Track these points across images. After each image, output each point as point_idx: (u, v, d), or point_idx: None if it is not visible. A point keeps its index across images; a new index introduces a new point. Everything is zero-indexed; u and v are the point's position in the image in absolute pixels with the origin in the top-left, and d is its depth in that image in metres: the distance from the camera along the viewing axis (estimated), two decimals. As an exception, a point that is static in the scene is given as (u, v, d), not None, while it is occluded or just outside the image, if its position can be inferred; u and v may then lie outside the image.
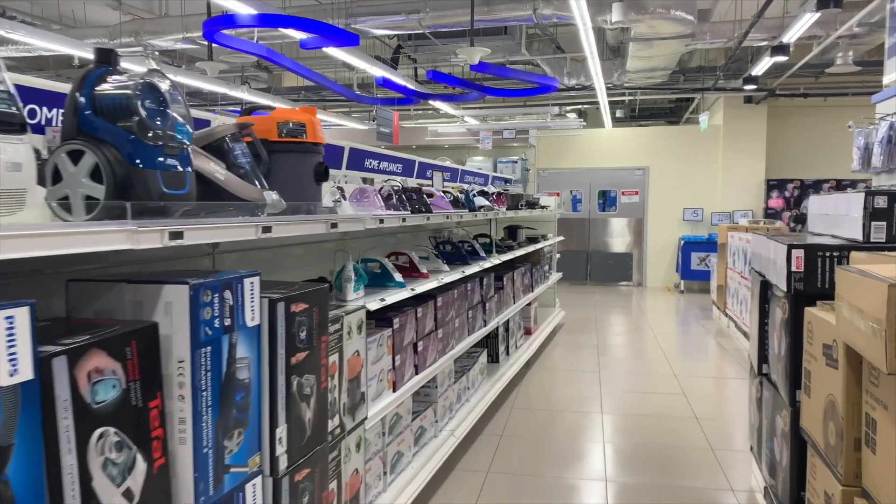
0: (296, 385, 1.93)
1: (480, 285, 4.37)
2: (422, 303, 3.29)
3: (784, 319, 2.70)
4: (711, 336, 7.35)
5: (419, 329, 3.19)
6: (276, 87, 12.18)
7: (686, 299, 10.22)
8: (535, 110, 10.77)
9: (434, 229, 5.19)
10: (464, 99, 9.69)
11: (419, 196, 3.44)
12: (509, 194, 5.80)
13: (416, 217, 3.08)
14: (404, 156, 4.49)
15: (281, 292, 1.89)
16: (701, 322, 8.23)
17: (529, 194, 6.53)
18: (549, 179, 12.13)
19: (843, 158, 11.15)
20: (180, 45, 8.21)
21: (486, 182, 7.10)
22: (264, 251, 3.03)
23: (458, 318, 3.85)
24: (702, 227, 11.33)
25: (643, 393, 5.12)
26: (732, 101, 11.03)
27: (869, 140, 3.89)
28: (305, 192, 2.23)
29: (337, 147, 3.56)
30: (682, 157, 11.46)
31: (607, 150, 11.83)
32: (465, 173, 6.20)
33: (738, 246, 7.18)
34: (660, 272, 11.70)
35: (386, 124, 9.29)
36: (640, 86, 10.09)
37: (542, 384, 5.37)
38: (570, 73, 9.98)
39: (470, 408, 4.09)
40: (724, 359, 6.29)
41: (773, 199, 10.74)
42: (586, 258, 12.01)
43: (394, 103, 10.01)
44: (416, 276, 3.37)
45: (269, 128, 2.16)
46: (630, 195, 11.78)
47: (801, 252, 2.57)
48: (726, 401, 5.00)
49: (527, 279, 5.98)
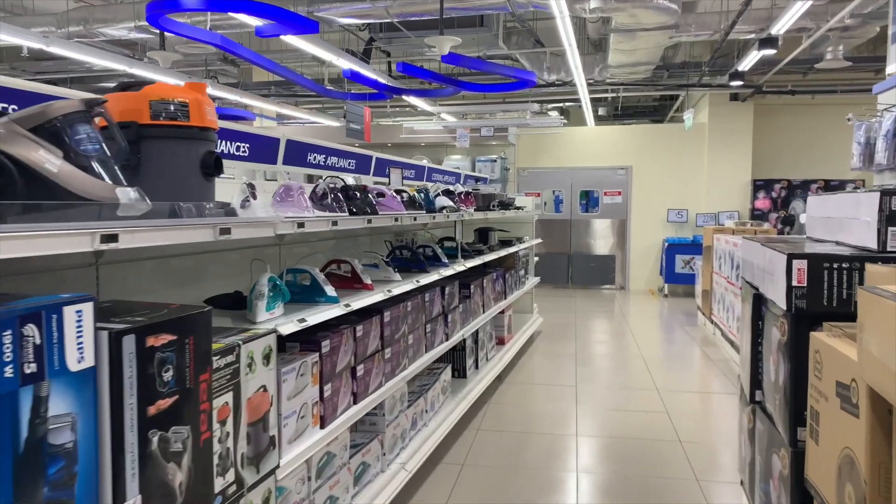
0: (156, 442, 1.47)
1: (442, 295, 3.92)
2: (365, 319, 2.84)
3: (782, 342, 2.27)
4: (696, 344, 6.95)
5: (359, 350, 2.74)
6: (245, 82, 11.67)
7: (670, 304, 9.84)
8: (515, 107, 10.34)
9: (396, 233, 4.74)
10: (439, 94, 9.24)
11: (364, 195, 2.99)
12: (480, 194, 5.36)
13: (352, 220, 2.63)
14: (359, 151, 4.04)
15: (134, 321, 1.43)
16: (685, 329, 7.83)
17: (503, 194, 6.11)
18: (530, 179, 11.72)
19: (832, 158, 10.85)
20: (133, 34, 7.69)
21: (458, 181, 6.66)
22: (184, 258, 2.57)
23: (413, 334, 3.40)
24: (686, 228, 10.97)
25: (623, 411, 4.69)
26: (718, 98, 10.67)
27: (871, 134, 3.49)
28: (189, 188, 1.77)
29: (270, 139, 3.10)
30: (667, 156, 11.09)
31: (589, 149, 11.43)
32: (433, 171, 5.76)
33: (724, 249, 6.79)
34: (643, 275, 11.32)
35: (357, 120, 8.82)
36: (623, 82, 9.70)
37: (513, 401, 4.93)
38: (549, 68, 9.56)
39: (428, 433, 3.64)
40: (710, 371, 5.89)
41: (760, 199, 10.39)
42: (567, 261, 11.60)
43: (365, 99, 9.55)
44: (357, 288, 2.91)
45: (139, 107, 1.70)
46: (613, 195, 11.39)
47: (804, 263, 2.15)
48: (713, 421, 4.58)
49: (499, 285, 5.54)
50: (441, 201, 4.14)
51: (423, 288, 3.62)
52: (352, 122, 8.72)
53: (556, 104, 12.89)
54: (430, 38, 6.33)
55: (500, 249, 5.59)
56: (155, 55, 6.84)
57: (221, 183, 2.77)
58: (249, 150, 2.92)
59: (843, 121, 10.80)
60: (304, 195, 2.44)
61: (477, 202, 5.29)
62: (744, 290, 3.07)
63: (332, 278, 2.99)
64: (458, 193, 4.76)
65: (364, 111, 9.21)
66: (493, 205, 5.44)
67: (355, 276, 2.93)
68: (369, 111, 9.35)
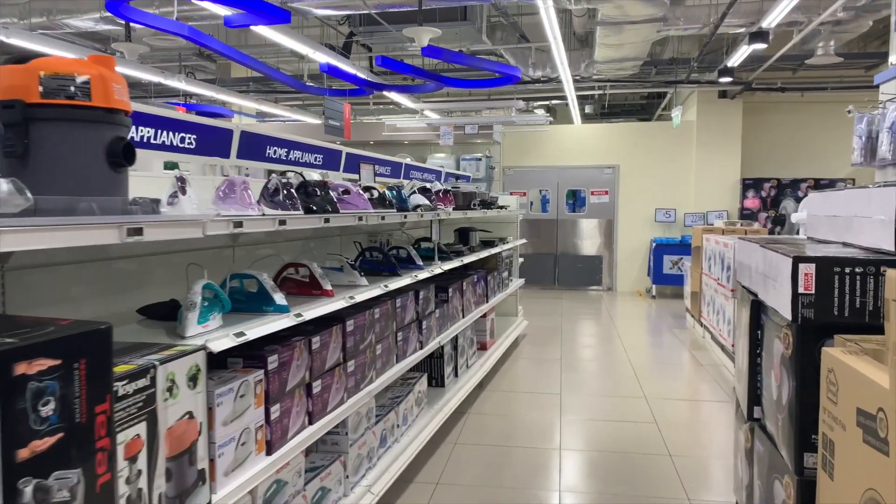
0: (30, 493, 1.19)
1: (415, 300, 3.65)
2: (324, 329, 2.56)
3: (786, 356, 2.02)
4: (686, 348, 6.72)
5: (316, 364, 2.46)
6: (222, 78, 11.35)
7: (658, 305, 9.62)
8: (500, 104, 10.09)
9: (370, 233, 4.47)
10: (421, 91, 8.97)
11: (324, 192, 2.71)
12: (460, 192, 5.09)
13: (304, 219, 2.35)
14: (327, 145, 3.76)
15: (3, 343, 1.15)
16: (674, 331, 7.61)
17: (485, 193, 5.85)
18: (515, 178, 11.47)
19: (822, 157, 10.68)
20: (101, 25, 7.36)
21: (439, 179, 6.39)
22: (125, 261, 2.29)
23: (382, 343, 3.13)
24: (674, 228, 10.76)
25: (610, 422, 4.44)
26: (706, 95, 10.47)
27: (872, 127, 3.26)
28: (91, 181, 1.49)
29: (220, 130, 2.81)
30: (654, 154, 10.88)
31: (576, 147, 11.20)
32: (412, 169, 5.49)
33: (714, 250, 6.56)
34: (630, 276, 11.10)
35: (336, 117, 8.54)
36: (610, 78, 9.47)
37: (494, 411, 4.66)
38: (535, 64, 9.32)
39: (399, 450, 3.37)
40: (700, 376, 5.65)
41: (749, 199, 10.20)
42: (554, 261, 11.37)
43: (345, 95, 9.26)
44: (316, 295, 2.64)
45: (27, 83, 1.41)
46: (599, 195, 11.16)
47: (812, 267, 1.89)
48: (704, 432, 4.34)
49: (480, 288, 5.27)
50: (416, 199, 3.87)
51: (395, 293, 3.35)
52: (331, 119, 8.43)
53: (543, 102, 12.66)
54: (408, 30, 6.06)
55: (481, 250, 5.32)
56: (120, 47, 6.52)
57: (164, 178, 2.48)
58: (196, 143, 2.64)
59: (833, 119, 10.65)
60: (249, 191, 2.16)
61: (457, 201, 5.03)
62: (740, 296, 2.82)
63: (288, 284, 2.71)
64: (437, 191, 4.49)
65: (344, 107, 8.92)
66: (473, 204, 5.17)
67: (314, 281, 2.66)
68: (349, 107, 9.07)
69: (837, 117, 10.56)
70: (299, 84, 9.10)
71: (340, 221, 2.61)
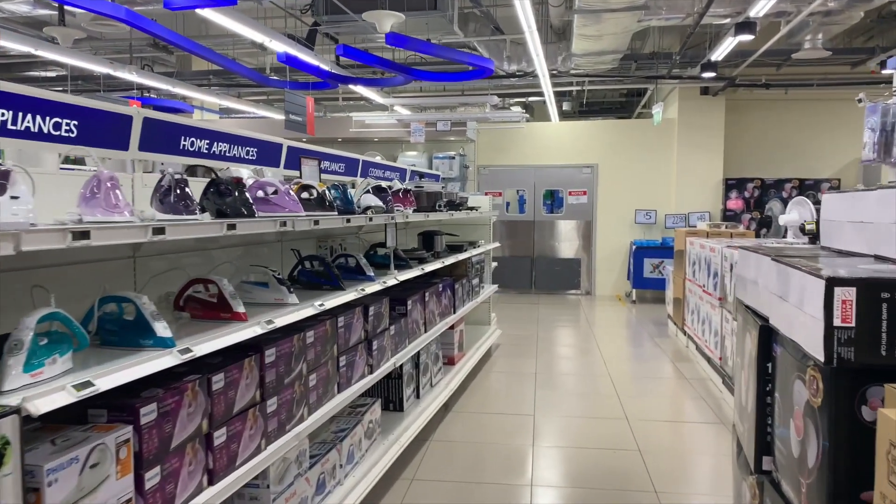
0: None
1: (364, 317, 3.16)
2: (233, 362, 2.06)
3: (814, 405, 1.56)
4: (668, 359, 6.30)
5: (218, 408, 1.96)
6: (182, 71, 10.74)
7: (638, 311, 9.21)
8: (474, 100, 9.61)
9: (320, 238, 3.96)
10: (389, 84, 8.47)
11: (239, 191, 2.21)
12: (423, 192, 4.60)
13: (194, 227, 1.84)
14: (264, 138, 3.25)
15: None
16: (656, 340, 7.19)
17: (454, 193, 5.37)
18: (491, 178, 11.01)
19: (807, 156, 10.36)
20: (38, 10, 6.76)
21: (403, 177, 5.89)
22: None
23: (318, 372, 2.63)
24: (655, 230, 10.37)
25: (588, 449, 3.98)
26: (688, 92, 10.09)
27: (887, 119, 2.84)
28: None
29: (115, 115, 2.29)
30: (634, 153, 10.48)
31: (553, 146, 10.77)
32: (370, 166, 4.98)
33: (698, 254, 6.14)
34: (610, 279, 10.69)
35: (298, 111, 8.00)
36: (589, 73, 9.04)
37: (460, 437, 4.18)
38: (510, 58, 8.87)
39: (342, 495, 2.87)
40: (686, 393, 5.22)
41: (732, 199, 9.84)
42: (531, 265, 10.92)
43: (308, 88, 8.72)
44: (225, 319, 2.13)
45: None
46: (578, 195, 10.74)
47: (853, 292, 1.43)
48: (692, 462, 3.90)
49: (446, 298, 4.79)
50: (367, 200, 3.38)
51: (337, 310, 2.85)
52: (292, 113, 7.89)
53: (519, 99, 12.22)
54: (368, 14, 5.57)
55: (447, 256, 4.84)
56: (53, 31, 5.93)
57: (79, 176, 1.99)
58: (78, 130, 2.12)
59: (817, 117, 10.34)
60: (118, 191, 1.65)
61: (419, 202, 4.54)
62: (742, 317, 2.37)
63: (192, 305, 2.20)
64: (396, 191, 4.00)
65: (307, 101, 8.38)
66: (439, 205, 4.68)
67: (222, 301, 2.15)
68: (312, 101, 8.52)
69: (822, 115, 10.26)
70: (259, 76, 8.56)
71: (252, 228, 2.11)
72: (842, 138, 10.18)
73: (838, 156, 10.21)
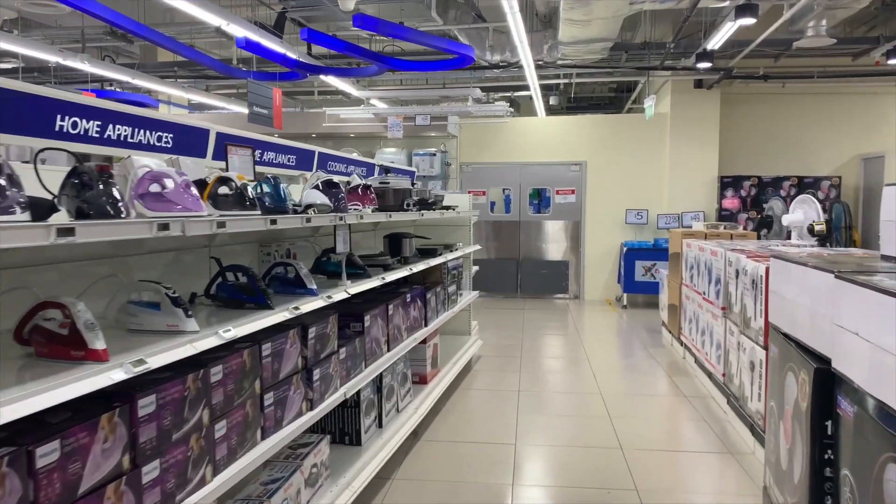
0: None
1: (302, 341, 2.57)
2: (85, 419, 1.47)
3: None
4: (664, 372, 5.76)
5: (53, 488, 1.37)
6: (145, 62, 10.11)
7: (630, 317, 8.68)
8: (456, 93, 9.04)
9: (262, 243, 3.38)
10: (361, 74, 7.88)
11: (104, 183, 1.63)
12: (389, 189, 4.04)
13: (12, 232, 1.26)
14: (177, 120, 2.66)
15: None
16: (649, 350, 6.65)
17: (426, 190, 4.79)
18: (474, 176, 10.44)
19: (806, 152, 9.87)
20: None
21: (370, 172, 5.32)
22: None
23: (230, 417, 2.05)
24: (647, 231, 9.84)
25: (577, 489, 3.41)
26: (681, 85, 9.57)
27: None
28: None
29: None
30: (625, 150, 9.95)
31: (540, 142, 10.21)
32: (329, 159, 4.39)
33: (697, 258, 5.61)
34: (599, 283, 10.15)
35: (263, 103, 7.40)
36: (577, 63, 8.50)
37: (427, 473, 3.60)
38: (492, 48, 8.30)
39: (268, 567, 2.28)
40: (686, 414, 4.68)
41: (728, 198, 9.33)
42: (516, 267, 10.36)
43: (275, 79, 8.11)
44: (76, 359, 1.54)
45: None
46: (565, 194, 10.19)
47: None
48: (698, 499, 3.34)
49: (416, 310, 4.21)
50: (312, 197, 2.80)
51: (260, 335, 2.27)
52: (256, 105, 7.28)
53: (504, 94, 11.67)
54: (329, -10, 4.97)
55: (417, 262, 4.26)
56: (-23, 10, 5.30)
57: None
58: None
59: (816, 112, 9.84)
60: None
61: (384, 200, 3.97)
62: (778, 349, 1.80)
63: (38, 337, 1.61)
64: (354, 187, 3.42)
65: (273, 93, 7.76)
66: (407, 203, 4.10)
67: (75, 333, 1.56)
68: (280, 93, 7.90)
69: (821, 110, 9.78)
70: (222, 66, 7.95)
71: (107, 234, 1.52)
72: (842, 134, 9.70)
73: (838, 152, 9.73)
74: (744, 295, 4.08)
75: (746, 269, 4.04)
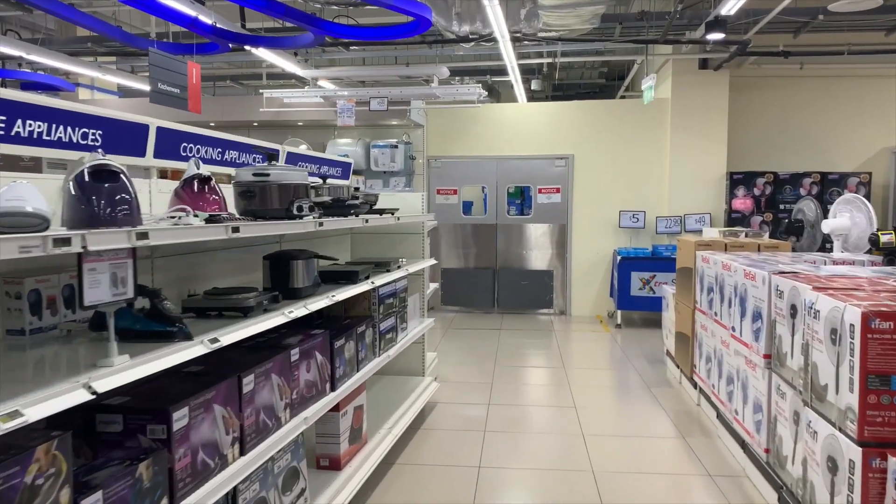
0: None
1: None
2: None
3: None
4: (672, 428, 4.36)
5: None
6: (55, 37, 8.60)
7: (625, 339, 7.29)
8: (417, 71, 7.61)
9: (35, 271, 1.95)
10: (295, 44, 6.43)
11: None
12: (271, 186, 2.61)
13: None
14: None
15: None
16: (653, 392, 5.25)
17: (345, 186, 3.37)
18: (444, 172, 9.01)
19: (827, 145, 8.53)
20: None
21: (263, 160, 3.85)
22: None
23: None
24: (644, 236, 8.47)
25: None
26: (684, 65, 8.20)
27: None
28: None
29: None
30: (618, 142, 8.56)
31: (520, 132, 8.80)
32: (194, 138, 2.95)
33: (719, 278, 4.22)
34: (589, 296, 8.76)
35: (172, 80, 5.90)
36: (562, 36, 7.09)
37: None
38: (460, 16, 6.88)
39: None
40: (712, 497, 3.28)
41: (739, 198, 7.96)
42: (493, 278, 8.95)
43: (191, 52, 6.64)
44: None
45: None
46: (549, 193, 8.78)
47: None
48: None
49: (311, 370, 2.78)
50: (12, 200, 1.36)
51: None
52: (161, 81, 5.77)
53: (480, 77, 10.25)
54: None
55: (317, 295, 2.83)
56: None
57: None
58: None
59: (840, 96, 8.37)
60: None
61: (262, 202, 2.56)
62: None
63: None
64: (189, 179, 1.99)
65: (188, 68, 6.26)
66: (299, 207, 2.66)
67: None
68: (198, 70, 6.40)
69: (846, 95, 8.43)
70: (123, 34, 6.47)
71: None
72: (870, 123, 8.37)
73: (866, 144, 8.39)
74: (811, 348, 2.68)
75: (817, 310, 2.64)
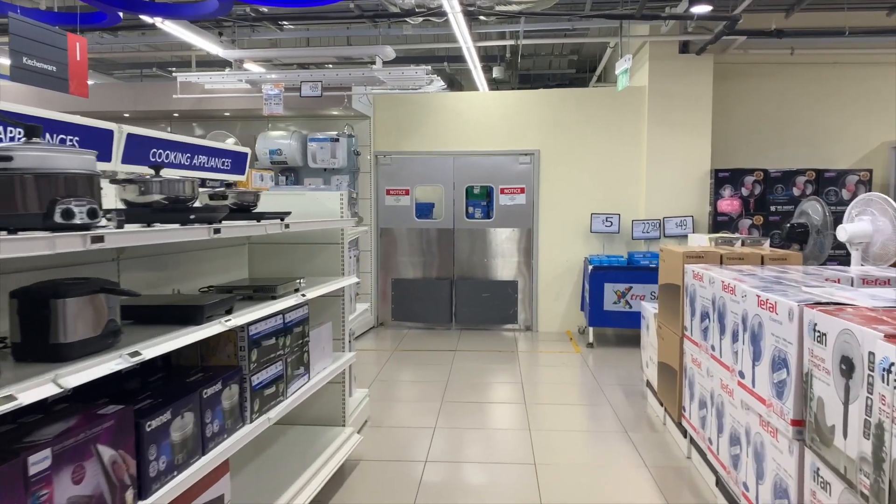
0: None
1: None
2: None
3: None
4: (660, 499, 3.37)
5: None
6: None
7: (597, 361, 6.31)
8: (356, 51, 6.55)
9: None
10: (200, 13, 5.33)
11: None
12: (14, 178, 1.53)
13: None
14: None
15: None
16: (631, 438, 4.26)
17: (192, 180, 2.34)
18: (394, 169, 7.96)
19: (822, 139, 7.65)
20: None
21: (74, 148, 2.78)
22: None
23: None
24: (618, 242, 7.52)
25: None
26: (663, 49, 7.26)
27: None
28: None
29: None
30: (589, 136, 7.59)
31: (480, 125, 7.79)
32: None
33: (717, 300, 3.23)
34: (557, 309, 7.78)
35: (44, 54, 4.73)
36: (523, 10, 6.09)
37: None
38: (404, -16, 5.85)
39: None
40: None
41: (725, 199, 7.04)
42: (451, 289, 7.92)
43: (74, 22, 5.50)
44: None
45: None
46: (513, 193, 7.79)
47: None
48: None
49: (86, 478, 1.71)
50: None
51: None
52: (29, 56, 4.59)
53: (436, 63, 9.22)
54: None
55: (99, 356, 1.76)
56: None
57: None
58: None
59: (834, 86, 7.30)
60: None
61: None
62: None
63: None
64: None
65: (70, 41, 5.09)
66: (63, 212, 1.60)
67: None
68: (84, 44, 5.24)
69: (842, 84, 7.56)
70: (-15, -2, 5.31)
71: None
72: (869, 115, 7.51)
73: (865, 138, 7.53)
74: (887, 432, 1.69)
75: (890, 370, 1.65)
